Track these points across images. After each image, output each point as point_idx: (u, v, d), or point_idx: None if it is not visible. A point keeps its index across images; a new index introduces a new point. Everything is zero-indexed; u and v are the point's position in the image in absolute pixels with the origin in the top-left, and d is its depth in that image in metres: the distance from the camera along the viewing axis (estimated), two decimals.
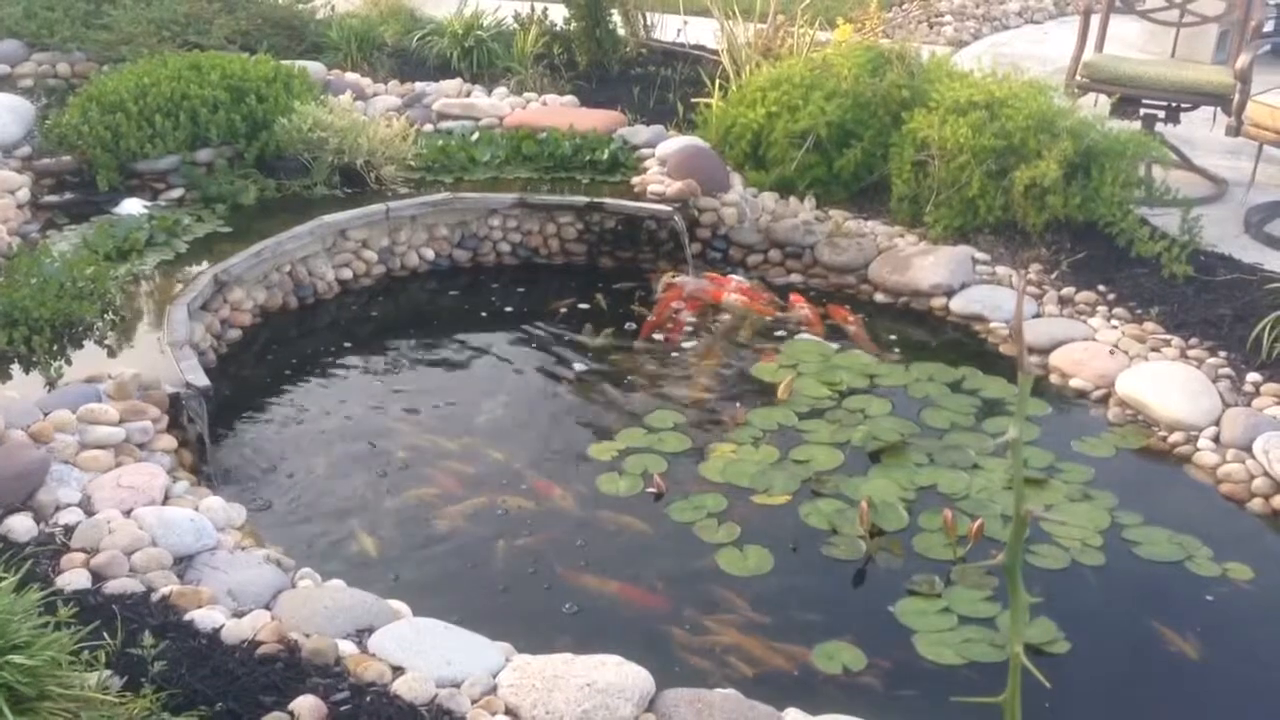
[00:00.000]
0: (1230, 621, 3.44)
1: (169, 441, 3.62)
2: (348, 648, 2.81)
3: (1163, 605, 3.50)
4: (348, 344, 4.93)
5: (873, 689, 3.12)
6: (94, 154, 5.14)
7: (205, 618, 2.81)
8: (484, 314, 5.23)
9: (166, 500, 3.31)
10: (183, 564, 3.10)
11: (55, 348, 4.02)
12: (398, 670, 2.75)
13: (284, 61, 5.93)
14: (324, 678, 2.66)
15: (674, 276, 5.34)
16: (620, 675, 2.78)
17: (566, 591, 3.46)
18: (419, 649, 2.83)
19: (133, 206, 5.05)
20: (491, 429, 4.31)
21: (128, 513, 3.18)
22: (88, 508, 3.22)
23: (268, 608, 2.96)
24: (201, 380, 3.83)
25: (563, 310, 5.17)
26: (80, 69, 6.20)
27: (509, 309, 5.30)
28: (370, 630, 2.91)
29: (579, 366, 4.70)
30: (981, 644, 3.28)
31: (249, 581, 3.04)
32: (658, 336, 4.91)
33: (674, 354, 4.84)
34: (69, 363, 3.98)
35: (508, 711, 2.68)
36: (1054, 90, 5.74)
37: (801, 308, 5.12)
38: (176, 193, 5.25)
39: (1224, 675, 3.24)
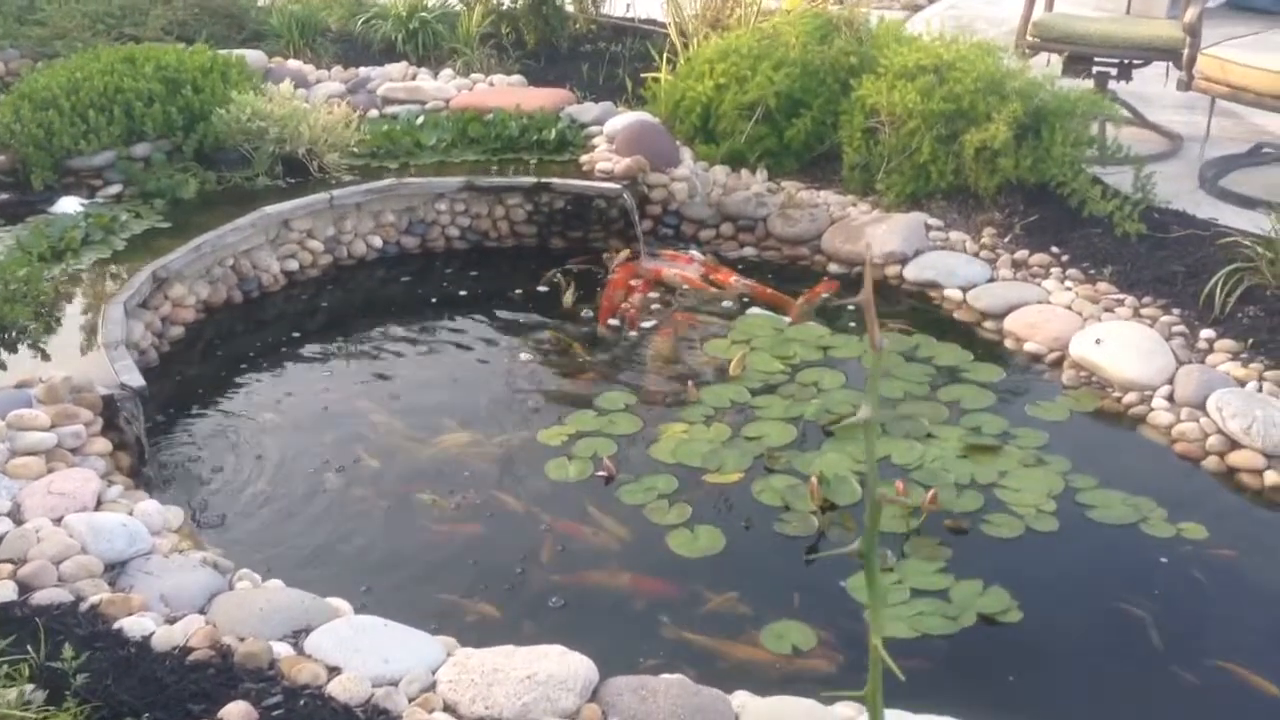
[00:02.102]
0: (1183, 582, 3.41)
1: (103, 445, 3.54)
2: (283, 649, 2.75)
3: (1116, 569, 3.48)
4: (295, 336, 4.85)
5: (822, 668, 3.07)
6: (27, 153, 5.03)
7: (135, 625, 2.74)
8: (434, 300, 5.16)
9: (100, 505, 3.23)
10: (115, 570, 3.02)
11: None
12: (334, 670, 2.69)
13: (222, 51, 5.81)
14: (257, 682, 2.60)
15: (623, 256, 5.26)
16: (562, 666, 2.73)
17: (528, 582, 3.41)
18: (356, 648, 2.77)
19: (69, 205, 4.95)
20: (441, 416, 4.23)
21: (58, 520, 3.10)
22: (17, 517, 3.13)
23: (202, 612, 2.90)
24: (136, 380, 3.75)
25: (553, 280, 5.14)
26: (14, 66, 6.07)
27: (461, 293, 5.22)
28: (308, 630, 2.85)
29: (524, 356, 4.62)
30: (934, 616, 3.24)
31: (183, 586, 2.97)
32: (613, 321, 4.84)
33: (631, 333, 4.78)
34: (2, 367, 3.90)
35: (446, 708, 2.62)
36: (1003, 51, 5.69)
37: (738, 282, 5.05)
38: (114, 189, 5.15)
39: (1177, 637, 3.21)
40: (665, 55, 6.27)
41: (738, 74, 5.75)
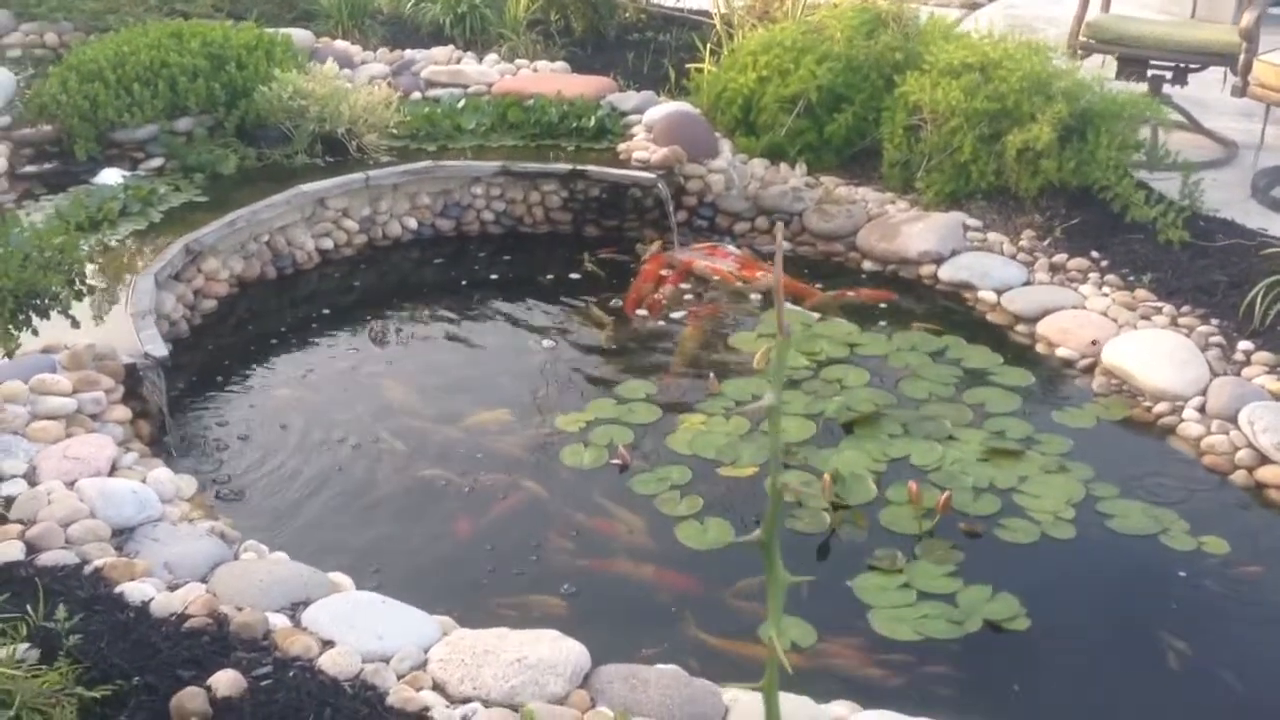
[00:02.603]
0: (1201, 598, 3.33)
1: (123, 413, 3.59)
2: (279, 621, 2.77)
3: (1131, 580, 3.41)
4: (326, 313, 4.89)
5: (819, 666, 3.04)
6: (72, 124, 5.11)
7: (135, 590, 2.77)
8: (465, 282, 5.17)
9: (114, 471, 3.28)
10: (123, 536, 3.06)
11: (21, 318, 3.99)
12: (328, 644, 2.70)
13: (269, 30, 5.86)
14: (249, 652, 2.62)
15: (658, 247, 5.24)
16: (554, 650, 2.72)
17: (538, 566, 3.41)
18: (352, 623, 2.78)
19: (111, 176, 5.02)
20: (463, 398, 4.25)
21: (71, 484, 3.15)
22: (32, 479, 3.19)
23: (204, 580, 2.92)
24: (160, 350, 3.80)
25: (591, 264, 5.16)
26: (68, 39, 6.17)
27: (493, 277, 5.24)
28: (306, 604, 2.87)
29: (547, 343, 4.61)
30: (939, 620, 3.20)
31: (188, 554, 3.00)
32: (641, 312, 4.82)
33: (659, 323, 4.76)
34: (35, 333, 3.95)
35: (435, 687, 2.62)
36: (1052, 51, 5.59)
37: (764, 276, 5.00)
38: (156, 162, 5.22)
39: (1188, 654, 3.14)
40: (709, 47, 6.22)
41: (780, 67, 5.70)
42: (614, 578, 3.40)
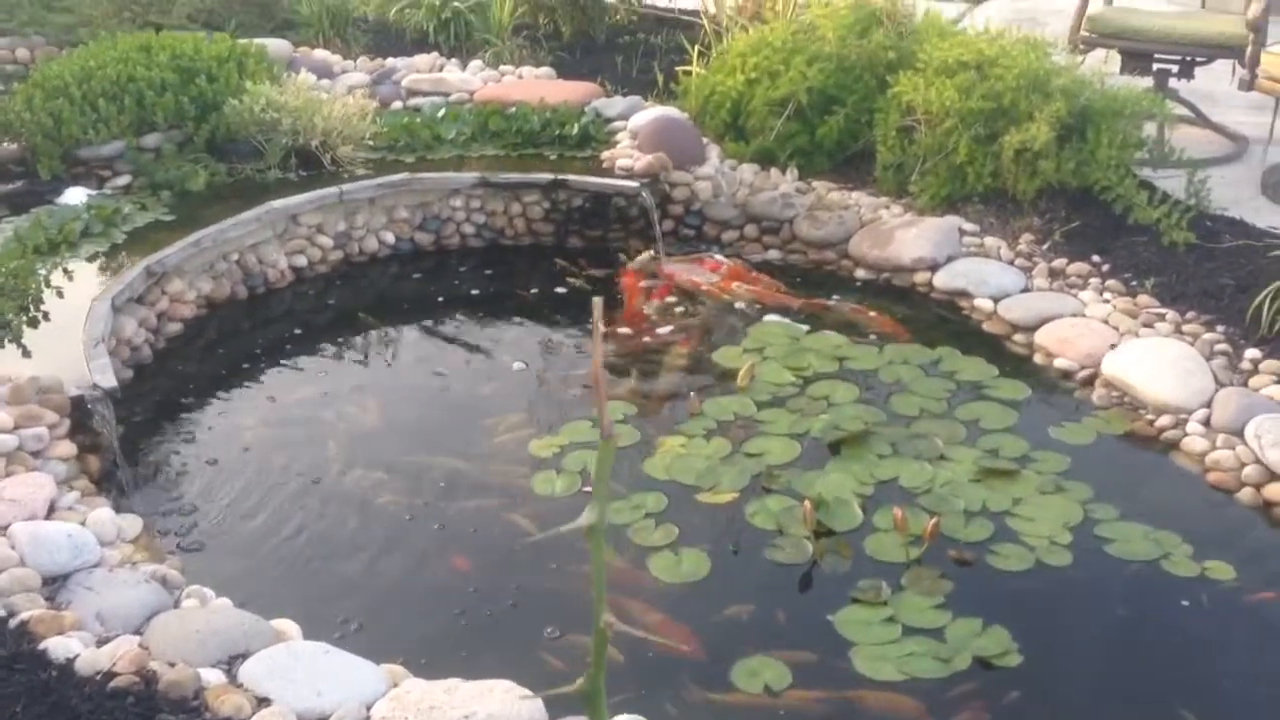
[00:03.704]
0: (1204, 628, 3.13)
1: (67, 449, 3.42)
2: (214, 677, 2.60)
3: (1130, 611, 3.20)
4: (299, 334, 4.73)
5: (795, 711, 2.85)
6: (36, 142, 4.95)
7: (60, 646, 2.60)
8: (443, 299, 5.00)
9: (51, 513, 3.12)
10: (55, 584, 2.90)
11: None
12: (263, 702, 2.54)
13: (243, 40, 5.71)
14: (176, 714, 2.45)
15: (647, 258, 5.04)
16: (504, 706, 2.54)
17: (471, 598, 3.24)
18: (291, 678, 2.62)
19: (76, 195, 4.86)
20: (438, 426, 4.09)
21: (4, 529, 2.99)
22: None
23: (138, 632, 2.76)
24: (109, 381, 3.63)
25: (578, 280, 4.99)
26: (41, 53, 6.04)
27: (474, 292, 5.07)
28: (245, 656, 2.70)
29: (518, 366, 4.42)
30: (925, 658, 3.00)
31: (123, 604, 2.83)
32: (624, 330, 4.63)
33: (645, 339, 4.58)
34: None
35: None
36: (1052, 47, 5.39)
37: (740, 289, 4.82)
38: (123, 180, 5.06)
39: (1190, 690, 2.94)
40: (698, 49, 6.03)
41: (770, 68, 5.51)
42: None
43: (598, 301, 1.34)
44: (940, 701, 2.87)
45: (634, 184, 5.12)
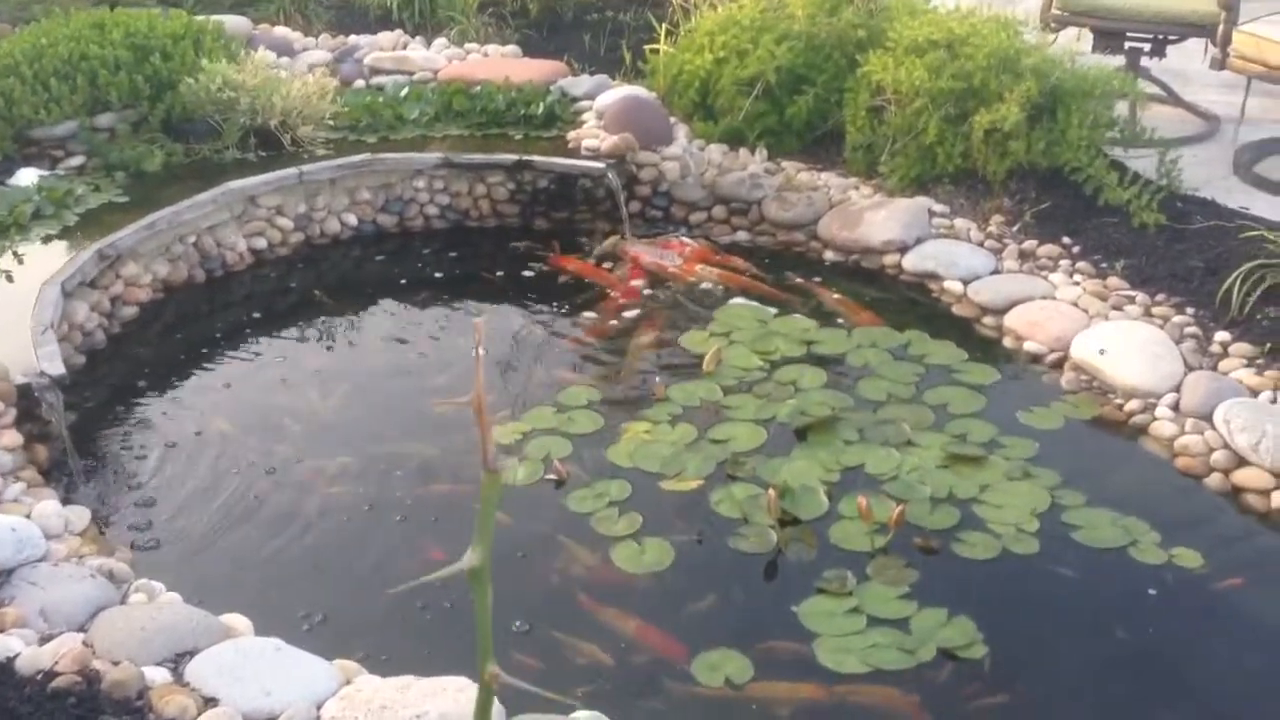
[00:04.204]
0: (1171, 617, 3.10)
1: (13, 438, 3.33)
2: (159, 676, 2.53)
3: (1096, 599, 3.17)
4: (258, 317, 4.64)
5: (755, 704, 2.80)
6: None
7: (0, 645, 2.53)
8: (405, 281, 4.91)
9: None
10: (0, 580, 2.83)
11: None
12: (210, 702, 2.47)
13: (201, 17, 5.58)
14: (119, 715, 2.38)
15: (614, 242, 4.97)
16: (459, 704, 2.48)
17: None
18: (239, 676, 2.55)
19: (28, 177, 4.73)
20: (398, 411, 4.01)
21: None
22: None
23: (82, 629, 2.68)
24: (57, 369, 3.54)
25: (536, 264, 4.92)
26: None
27: (438, 275, 4.98)
28: (193, 653, 2.63)
29: (481, 351, 4.33)
30: (889, 649, 2.96)
31: (67, 599, 2.76)
32: (588, 314, 4.56)
33: (611, 322, 4.51)
34: None
35: None
36: (1023, 25, 5.32)
37: (706, 271, 4.76)
38: (77, 161, 4.93)
39: (1157, 680, 2.91)
40: (665, 27, 5.94)
41: (738, 47, 5.42)
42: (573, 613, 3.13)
43: (479, 322, 1.26)
44: (904, 693, 2.83)
45: (599, 165, 5.04)
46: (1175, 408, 3.78)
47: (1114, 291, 4.34)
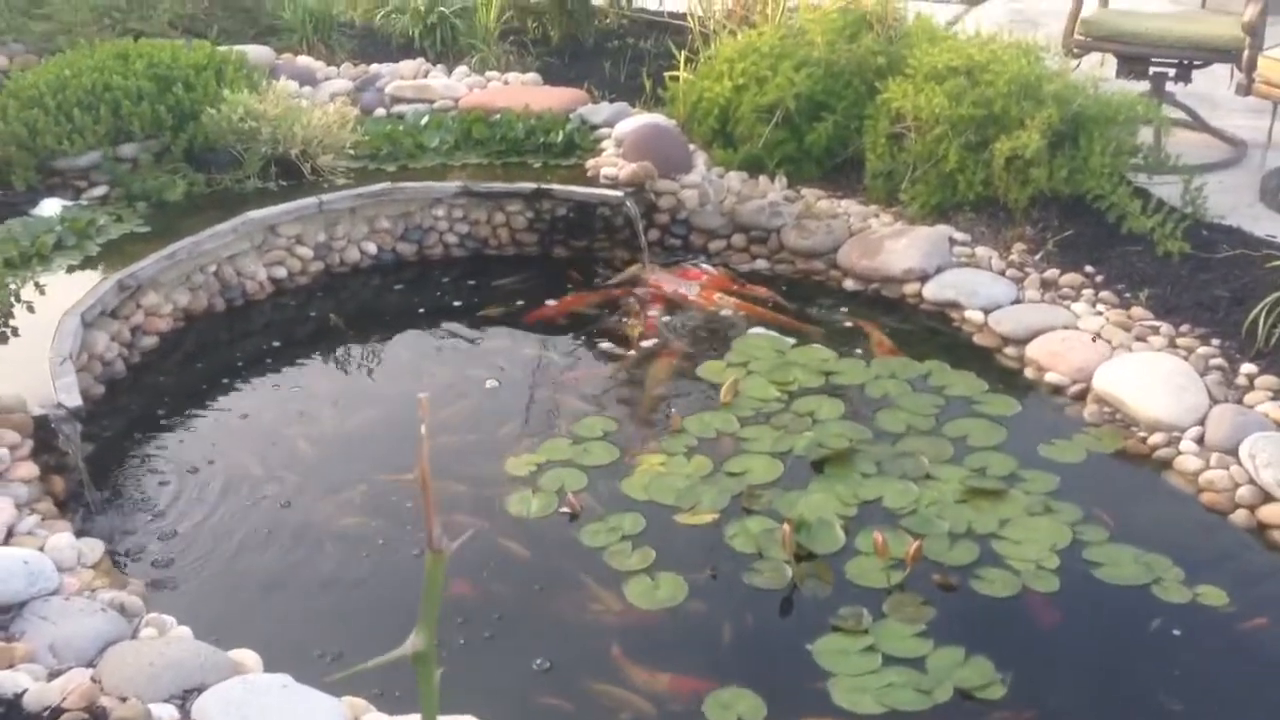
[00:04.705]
0: (1195, 657, 3.04)
1: (29, 470, 3.34)
2: (166, 713, 2.52)
3: (1118, 638, 3.11)
4: (278, 346, 4.64)
5: None
6: (10, 152, 4.86)
7: (9, 680, 2.53)
8: (424, 310, 4.91)
9: (10, 538, 3.04)
10: (10, 613, 2.81)
11: None
12: None
13: (224, 47, 5.62)
14: None
15: (635, 270, 4.96)
16: None
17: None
18: (245, 714, 2.53)
19: (52, 207, 4.77)
20: (414, 442, 3.98)
21: None
22: None
23: (92, 664, 2.68)
24: (74, 400, 3.55)
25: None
26: (20, 61, 5.94)
27: (456, 304, 4.98)
28: (200, 690, 2.62)
29: (491, 384, 4.31)
30: (905, 689, 2.91)
31: (78, 634, 2.75)
32: (606, 345, 4.54)
33: (631, 353, 4.49)
34: None
35: None
36: (1045, 51, 5.29)
37: (723, 300, 4.74)
38: (100, 190, 4.97)
39: None
40: (684, 54, 5.94)
41: (758, 74, 5.42)
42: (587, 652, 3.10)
43: (423, 398, 1.21)
44: None
45: (618, 193, 5.03)
46: (1200, 441, 3.72)
47: (1138, 322, 4.28)
